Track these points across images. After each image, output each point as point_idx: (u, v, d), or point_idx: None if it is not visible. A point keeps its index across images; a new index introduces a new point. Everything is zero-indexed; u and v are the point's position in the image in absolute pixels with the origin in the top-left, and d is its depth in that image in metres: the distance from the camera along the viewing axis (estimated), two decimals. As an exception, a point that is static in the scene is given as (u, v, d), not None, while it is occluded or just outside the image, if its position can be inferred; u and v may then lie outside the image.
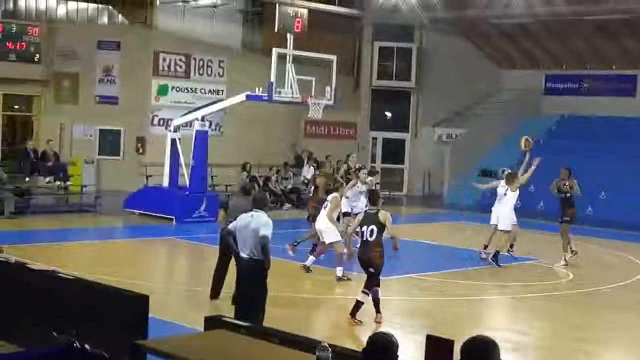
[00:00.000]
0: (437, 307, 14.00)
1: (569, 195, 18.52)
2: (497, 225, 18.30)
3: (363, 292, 12.29)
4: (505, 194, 18.29)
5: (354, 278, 15.24)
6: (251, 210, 10.74)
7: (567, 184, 18.46)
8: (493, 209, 18.74)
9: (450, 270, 17.30)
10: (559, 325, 13.50)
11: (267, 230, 10.44)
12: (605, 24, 30.75)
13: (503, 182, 18.63)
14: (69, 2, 30.22)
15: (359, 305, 12.24)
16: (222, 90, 30.21)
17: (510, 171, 19.04)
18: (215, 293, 13.10)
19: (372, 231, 12.20)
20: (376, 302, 12.39)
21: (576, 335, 12.72)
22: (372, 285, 12.27)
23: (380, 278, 12.43)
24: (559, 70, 34.83)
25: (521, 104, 34.63)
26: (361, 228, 12.39)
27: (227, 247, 11.92)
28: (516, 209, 18.76)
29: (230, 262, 12.50)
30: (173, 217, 22.67)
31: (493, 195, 23.97)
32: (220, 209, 12.45)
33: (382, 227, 12.20)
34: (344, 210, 18.80)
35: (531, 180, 19.48)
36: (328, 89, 22.76)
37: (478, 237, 20.13)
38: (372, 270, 12.25)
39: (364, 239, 12.29)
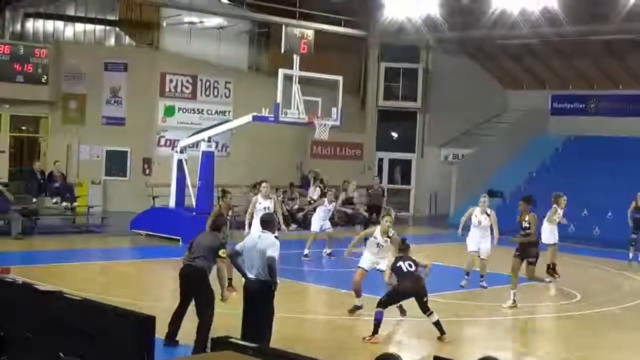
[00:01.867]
0: (445, 327, 13.93)
1: (529, 232, 15.88)
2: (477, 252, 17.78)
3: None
4: (480, 222, 17.66)
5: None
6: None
7: (527, 219, 15.87)
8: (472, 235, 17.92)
9: (457, 291, 17.23)
10: (566, 345, 13.43)
11: (274, 251, 10.45)
12: (611, 44, 30.79)
13: (478, 210, 17.90)
14: (76, 24, 30.40)
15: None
16: (229, 111, 30.28)
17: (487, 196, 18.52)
18: (170, 335, 11.65)
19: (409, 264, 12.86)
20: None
21: (583, 355, 12.65)
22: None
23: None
24: (565, 90, 34.82)
25: (527, 124, 34.62)
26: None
27: (189, 288, 11.53)
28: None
29: (189, 306, 11.65)
30: (179, 238, 22.65)
31: (498, 214, 23.95)
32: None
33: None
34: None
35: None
36: (334, 109, 22.79)
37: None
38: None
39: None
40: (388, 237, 14.55)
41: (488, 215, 17.76)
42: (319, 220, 21.80)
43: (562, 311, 15.96)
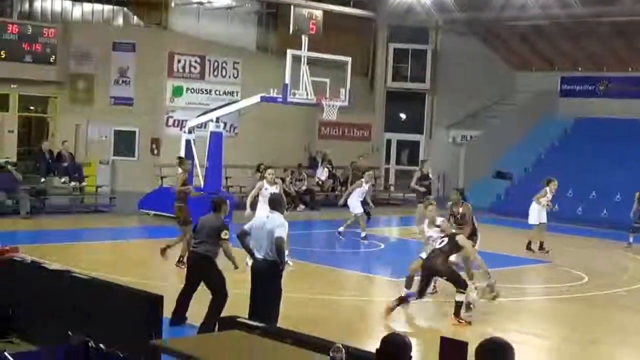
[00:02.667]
0: (451, 308, 13.96)
1: (460, 223, 15.08)
2: None
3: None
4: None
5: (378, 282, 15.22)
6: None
7: (460, 210, 15.24)
8: None
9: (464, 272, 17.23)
10: (572, 327, 13.45)
11: (282, 232, 10.47)
12: (621, 26, 30.61)
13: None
14: (84, 4, 30.35)
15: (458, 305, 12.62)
16: (237, 92, 30.24)
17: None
18: (177, 317, 11.49)
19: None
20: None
21: (590, 337, 12.67)
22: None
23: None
24: (575, 72, 34.68)
25: (536, 105, 34.51)
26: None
27: (195, 275, 11.52)
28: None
29: (196, 290, 11.60)
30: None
31: (506, 197, 23.97)
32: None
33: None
34: None
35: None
36: (342, 90, 22.76)
37: (492, 239, 20.06)
38: None
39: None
40: (436, 226, 14.21)
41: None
42: (357, 201, 21.43)
43: (568, 293, 15.97)
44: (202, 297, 11.39)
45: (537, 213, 19.84)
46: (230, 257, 11.38)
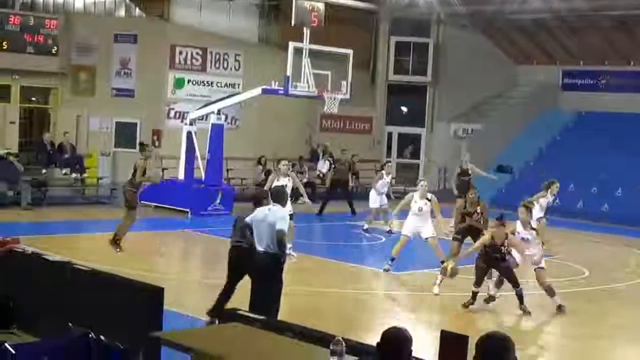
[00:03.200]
0: (452, 302, 13.98)
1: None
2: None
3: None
4: (420, 209, 16.14)
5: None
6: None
7: (478, 209, 15.75)
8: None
9: (465, 266, 17.26)
10: (572, 321, 13.46)
11: (284, 224, 10.47)
12: (623, 19, 30.56)
13: (417, 195, 16.34)
14: (86, -5, 30.30)
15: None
16: (238, 84, 30.21)
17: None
18: (215, 312, 11.24)
19: None
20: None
21: (590, 331, 12.68)
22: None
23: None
24: (576, 66, 34.61)
25: (537, 99, 34.48)
26: None
27: (238, 266, 11.37)
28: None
29: (238, 282, 11.49)
30: (188, 210, 22.73)
31: (507, 190, 24.00)
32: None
33: None
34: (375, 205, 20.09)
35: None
36: (344, 83, 22.74)
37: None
38: None
39: None
40: (428, 199, 15.73)
41: (429, 200, 16.21)
42: (376, 195, 21.45)
43: (569, 287, 15.98)
44: (204, 292, 11.39)
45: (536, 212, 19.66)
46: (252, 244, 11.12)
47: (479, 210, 15.55)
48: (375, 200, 21.41)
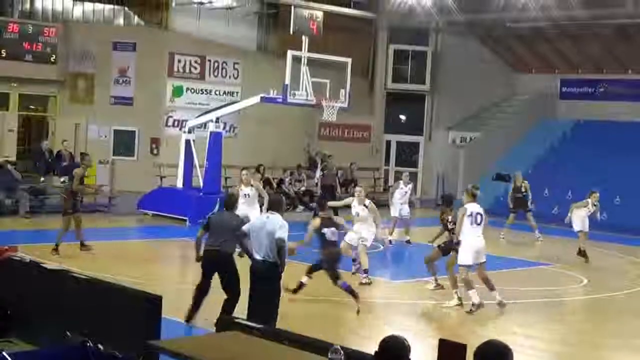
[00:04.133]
0: (450, 310, 13.97)
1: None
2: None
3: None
4: (358, 214, 16.17)
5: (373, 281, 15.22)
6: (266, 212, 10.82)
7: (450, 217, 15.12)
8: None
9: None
10: (571, 330, 13.46)
11: (284, 233, 10.45)
12: (621, 28, 30.62)
13: (355, 201, 16.36)
14: (85, 3, 30.34)
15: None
16: (237, 92, 30.24)
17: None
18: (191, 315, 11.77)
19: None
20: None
21: (588, 340, 12.67)
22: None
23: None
24: (574, 75, 34.67)
25: (536, 107, 34.51)
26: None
27: (214, 271, 11.70)
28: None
29: (210, 285, 11.80)
30: (186, 218, 22.70)
31: (506, 199, 24.05)
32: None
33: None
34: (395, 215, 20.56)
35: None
36: (342, 91, 22.76)
37: (493, 241, 20.07)
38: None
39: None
40: (365, 205, 15.84)
41: (366, 206, 16.07)
42: (397, 204, 21.39)
43: (567, 295, 15.98)
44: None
45: (580, 221, 19.94)
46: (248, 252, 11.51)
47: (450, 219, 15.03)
48: (395, 209, 21.41)
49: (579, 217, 19.95)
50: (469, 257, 13.81)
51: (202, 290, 11.72)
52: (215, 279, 11.66)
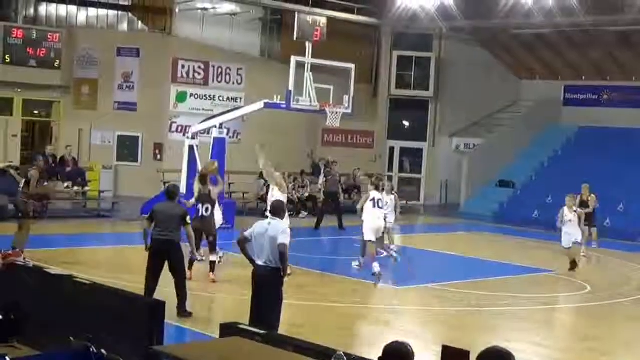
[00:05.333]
0: (453, 317, 13.96)
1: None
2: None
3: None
4: (387, 203, 18.20)
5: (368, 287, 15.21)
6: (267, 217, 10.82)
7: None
8: None
9: (466, 280, 17.24)
10: (574, 337, 13.43)
11: (285, 238, 10.44)
12: (625, 35, 30.62)
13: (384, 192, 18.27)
14: (89, 9, 30.42)
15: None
16: (240, 98, 30.27)
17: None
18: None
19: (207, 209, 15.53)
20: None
21: (591, 346, 12.63)
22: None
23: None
24: (578, 81, 34.66)
25: (540, 114, 34.51)
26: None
27: (163, 259, 12.51)
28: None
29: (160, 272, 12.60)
30: (189, 223, 22.64)
31: (509, 205, 23.99)
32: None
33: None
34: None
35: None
36: (346, 97, 22.75)
37: (496, 247, 20.08)
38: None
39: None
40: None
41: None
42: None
43: (571, 303, 15.95)
44: (205, 306, 11.36)
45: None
46: (192, 241, 13.22)
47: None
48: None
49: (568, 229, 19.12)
50: (371, 234, 16.79)
51: (152, 281, 12.44)
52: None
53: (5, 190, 22.78)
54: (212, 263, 15.40)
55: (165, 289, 12.61)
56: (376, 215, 16.88)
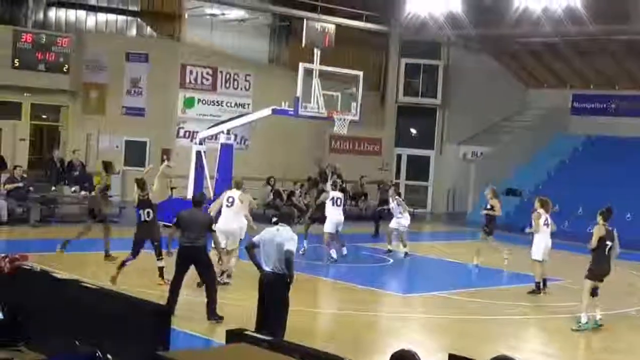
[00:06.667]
0: (459, 325, 13.92)
1: None
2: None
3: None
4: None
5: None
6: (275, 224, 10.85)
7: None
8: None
9: (473, 289, 17.21)
10: (581, 346, 13.38)
11: (292, 245, 10.46)
12: (634, 44, 30.57)
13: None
14: (98, 14, 30.47)
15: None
16: (248, 104, 30.30)
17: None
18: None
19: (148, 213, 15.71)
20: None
21: (598, 357, 12.59)
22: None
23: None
24: (587, 90, 34.62)
25: (547, 123, 34.46)
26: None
27: (189, 265, 12.71)
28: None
29: (183, 279, 12.81)
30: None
31: (516, 214, 23.94)
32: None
33: None
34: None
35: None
36: (354, 104, 22.76)
37: (502, 256, 20.05)
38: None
39: None
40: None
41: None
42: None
43: (577, 312, 15.88)
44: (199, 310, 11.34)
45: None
46: (218, 246, 13.79)
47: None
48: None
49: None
50: (332, 227, 19.59)
51: (177, 285, 12.64)
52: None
53: (12, 194, 22.84)
54: (160, 269, 15.36)
55: (166, 296, 12.61)
56: (337, 211, 19.76)
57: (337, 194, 20.10)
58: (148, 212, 15.64)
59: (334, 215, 19.77)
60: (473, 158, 34.17)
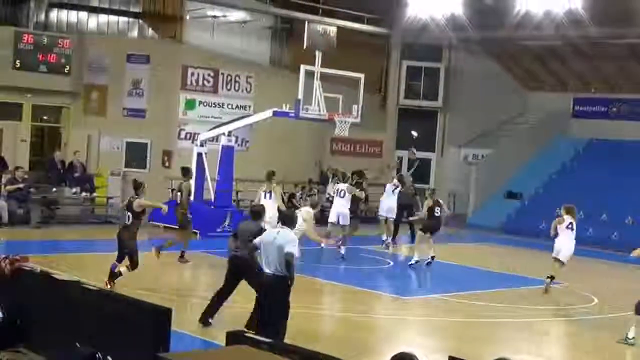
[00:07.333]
0: (460, 328, 13.92)
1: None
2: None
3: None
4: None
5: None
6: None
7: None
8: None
9: (472, 291, 17.21)
10: (582, 350, 13.37)
11: (293, 247, 10.46)
12: (635, 47, 30.58)
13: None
14: (100, 15, 30.48)
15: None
16: (249, 106, 30.29)
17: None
18: (206, 318, 12.43)
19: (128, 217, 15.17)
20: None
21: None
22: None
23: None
24: (588, 93, 34.61)
25: (548, 126, 34.45)
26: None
27: (237, 276, 12.36)
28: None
29: (234, 289, 12.52)
30: (197, 231, 22.71)
31: (517, 216, 23.94)
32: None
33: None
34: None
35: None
36: (355, 106, 22.77)
37: (503, 259, 20.04)
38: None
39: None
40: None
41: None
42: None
43: (578, 315, 15.88)
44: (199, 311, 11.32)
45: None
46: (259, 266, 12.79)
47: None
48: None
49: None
50: (334, 217, 20.84)
51: (221, 295, 12.40)
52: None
53: (13, 195, 22.84)
54: (118, 273, 14.73)
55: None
56: (340, 202, 20.94)
57: (342, 186, 21.23)
58: (128, 216, 15.20)
59: (337, 205, 21.05)
60: (474, 161, 34.16)
